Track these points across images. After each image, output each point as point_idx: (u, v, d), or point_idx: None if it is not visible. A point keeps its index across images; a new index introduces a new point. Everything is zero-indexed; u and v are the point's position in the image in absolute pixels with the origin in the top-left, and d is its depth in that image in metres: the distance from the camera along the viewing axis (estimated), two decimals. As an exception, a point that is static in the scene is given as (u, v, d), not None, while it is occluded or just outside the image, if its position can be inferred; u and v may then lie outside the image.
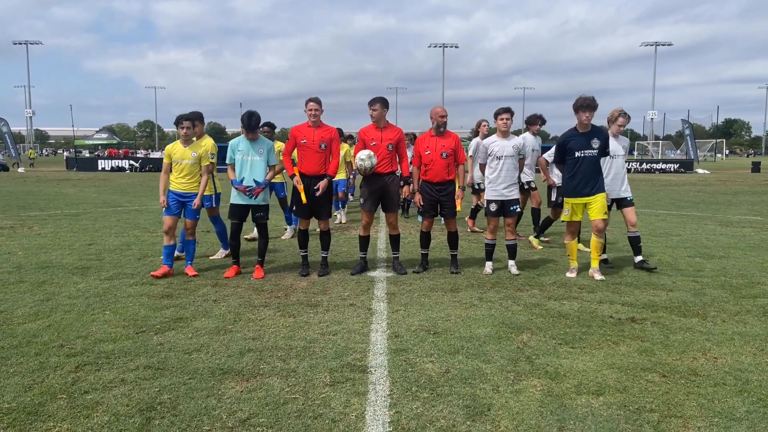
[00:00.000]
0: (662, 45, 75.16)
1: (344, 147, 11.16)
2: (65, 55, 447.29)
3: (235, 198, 6.80)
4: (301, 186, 6.83)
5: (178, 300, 5.78)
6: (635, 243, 7.26)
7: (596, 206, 6.70)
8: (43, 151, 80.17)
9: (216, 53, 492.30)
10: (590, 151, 6.63)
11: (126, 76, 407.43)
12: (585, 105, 6.59)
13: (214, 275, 6.87)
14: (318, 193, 6.78)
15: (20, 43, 76.54)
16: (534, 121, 9.16)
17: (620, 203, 7.30)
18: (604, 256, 7.39)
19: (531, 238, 9.02)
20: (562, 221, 7.11)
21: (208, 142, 7.13)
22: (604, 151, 6.74)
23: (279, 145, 9.82)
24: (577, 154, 6.65)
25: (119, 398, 3.50)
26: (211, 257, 7.96)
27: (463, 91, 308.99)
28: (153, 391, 3.62)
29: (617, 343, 4.55)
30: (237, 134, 7.73)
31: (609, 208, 7.10)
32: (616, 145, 7.21)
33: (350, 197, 12.98)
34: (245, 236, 8.86)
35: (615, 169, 7.24)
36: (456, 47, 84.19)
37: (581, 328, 4.90)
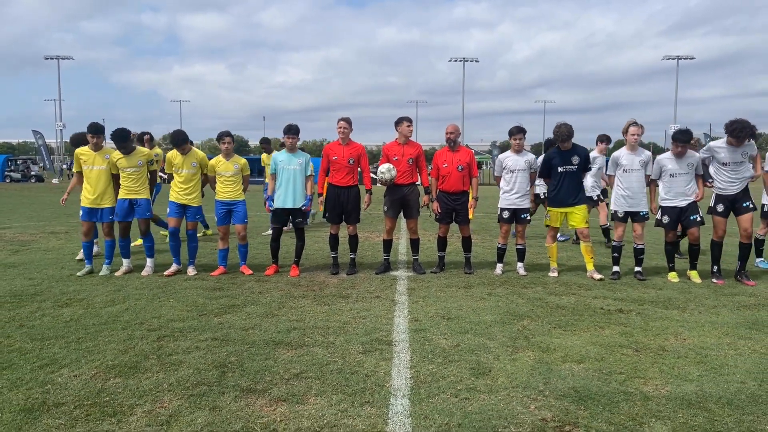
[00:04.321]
0: (684, 59, 75.43)
1: (148, 151, 8.08)
2: (93, 68, 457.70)
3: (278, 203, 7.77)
4: (322, 207, 8.02)
5: (228, 292, 6.73)
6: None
7: (577, 216, 7.67)
8: (70, 163, 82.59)
9: (240, 66, 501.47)
10: (570, 167, 7.62)
11: (152, 89, 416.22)
12: (564, 137, 7.54)
13: (256, 273, 7.82)
14: (365, 207, 8.03)
15: (51, 58, 79.46)
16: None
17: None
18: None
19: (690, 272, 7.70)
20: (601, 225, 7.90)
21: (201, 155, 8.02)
22: (584, 167, 7.73)
23: (157, 151, 10.37)
24: (560, 169, 7.66)
25: (197, 359, 4.44)
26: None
27: (485, 103, 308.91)
28: (222, 354, 4.55)
29: (603, 327, 5.38)
30: (258, 148, 8.70)
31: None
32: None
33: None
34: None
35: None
36: (476, 61, 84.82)
37: (574, 317, 5.74)
